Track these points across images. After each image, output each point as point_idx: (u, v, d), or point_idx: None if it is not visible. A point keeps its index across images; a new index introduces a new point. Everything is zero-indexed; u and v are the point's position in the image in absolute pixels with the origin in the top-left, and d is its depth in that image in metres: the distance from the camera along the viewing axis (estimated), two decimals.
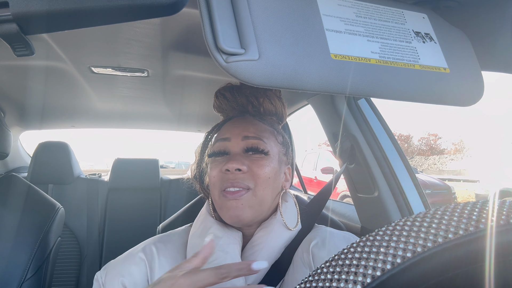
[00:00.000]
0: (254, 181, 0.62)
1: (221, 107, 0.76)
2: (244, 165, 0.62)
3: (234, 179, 0.62)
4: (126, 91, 1.48)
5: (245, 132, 0.66)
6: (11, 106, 1.67)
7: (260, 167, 0.63)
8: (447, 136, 41.70)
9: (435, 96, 0.49)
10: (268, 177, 0.64)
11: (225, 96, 0.74)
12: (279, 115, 0.76)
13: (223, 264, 0.59)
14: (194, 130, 2.45)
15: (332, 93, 0.46)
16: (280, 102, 0.75)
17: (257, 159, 0.64)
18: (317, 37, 0.43)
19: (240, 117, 0.71)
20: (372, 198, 1.14)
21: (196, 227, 0.68)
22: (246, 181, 0.62)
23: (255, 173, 0.62)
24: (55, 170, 2.03)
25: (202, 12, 0.39)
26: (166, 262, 0.65)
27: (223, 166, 0.62)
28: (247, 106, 0.72)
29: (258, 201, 0.63)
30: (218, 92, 0.75)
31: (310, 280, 0.24)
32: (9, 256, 1.02)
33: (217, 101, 0.76)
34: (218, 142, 0.67)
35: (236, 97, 0.73)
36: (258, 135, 0.66)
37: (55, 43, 0.96)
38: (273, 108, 0.74)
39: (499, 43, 0.56)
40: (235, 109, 0.74)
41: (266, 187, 0.63)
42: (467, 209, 0.24)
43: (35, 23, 0.35)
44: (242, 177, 0.62)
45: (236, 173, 0.62)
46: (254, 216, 0.63)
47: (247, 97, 0.72)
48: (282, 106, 0.76)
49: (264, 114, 0.73)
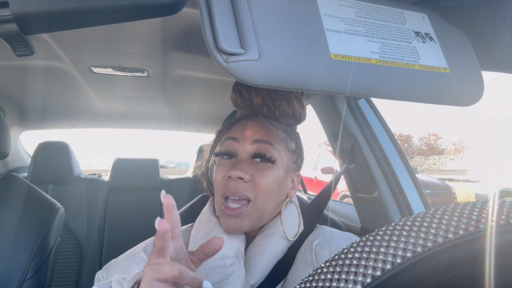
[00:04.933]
0: (255, 192, 0.61)
1: (237, 103, 0.73)
2: (247, 174, 0.61)
3: (235, 188, 0.61)
4: (126, 91, 1.47)
5: (255, 136, 0.64)
6: (11, 106, 1.67)
7: (263, 178, 0.62)
8: (447, 136, 41.71)
9: (435, 96, 0.49)
10: (271, 188, 0.62)
11: (241, 93, 0.71)
12: (297, 116, 0.73)
13: (227, 267, 0.59)
14: (194, 130, 2.45)
15: (332, 93, 0.46)
16: (298, 104, 0.72)
17: (262, 168, 0.62)
18: (317, 37, 0.43)
19: (253, 118, 0.68)
20: (372, 198, 1.14)
21: (198, 228, 0.68)
22: (247, 192, 0.61)
23: (257, 184, 0.61)
24: (55, 170, 2.03)
25: (202, 12, 0.39)
26: None
27: (227, 172, 0.62)
28: (262, 107, 0.69)
29: (258, 213, 0.62)
30: (235, 86, 0.72)
31: (310, 280, 0.24)
32: (9, 256, 1.02)
33: (234, 95, 0.73)
34: (227, 140, 0.66)
35: (251, 96, 0.70)
36: (268, 139, 0.64)
37: (55, 43, 0.96)
38: (291, 111, 0.71)
39: (499, 43, 0.56)
40: (249, 108, 0.71)
41: (267, 198, 0.62)
42: (467, 209, 0.24)
43: (35, 23, 0.35)
44: (243, 187, 0.61)
45: (238, 181, 0.61)
46: (252, 226, 0.63)
47: (263, 98, 0.69)
48: (301, 107, 0.73)
49: (280, 116, 0.70)
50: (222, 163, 0.65)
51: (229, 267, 0.59)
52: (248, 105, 0.71)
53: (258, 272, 0.61)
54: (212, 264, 0.59)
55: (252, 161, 0.63)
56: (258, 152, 0.63)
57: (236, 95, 0.72)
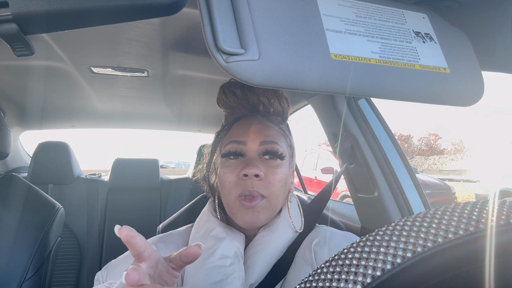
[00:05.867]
0: (269, 190, 0.62)
1: (229, 104, 0.72)
2: (262, 171, 0.61)
3: (252, 186, 0.61)
4: (126, 91, 1.48)
5: (262, 137, 0.64)
6: (11, 106, 1.67)
7: (274, 175, 0.63)
8: (447, 136, 41.72)
9: (435, 96, 0.49)
10: (281, 184, 0.64)
11: (235, 93, 0.71)
12: (285, 115, 0.75)
13: (226, 267, 0.59)
14: (194, 130, 2.45)
15: (332, 93, 0.46)
16: (287, 103, 0.74)
17: (272, 166, 0.63)
18: (317, 37, 0.43)
19: (251, 118, 0.69)
20: (372, 198, 1.14)
21: (198, 228, 0.68)
22: (262, 189, 0.61)
23: (270, 181, 0.62)
24: (55, 170, 2.03)
25: (202, 12, 0.39)
26: None
27: (241, 171, 0.61)
28: (258, 105, 0.70)
29: (272, 207, 0.63)
30: (226, 88, 0.72)
31: (310, 280, 0.24)
32: (9, 256, 1.02)
33: (225, 97, 0.72)
34: (232, 144, 0.65)
35: (247, 95, 0.70)
36: (274, 139, 0.65)
37: (55, 43, 0.96)
38: (281, 109, 0.73)
39: (499, 43, 0.56)
40: (245, 108, 0.71)
41: (279, 194, 0.63)
42: (467, 209, 0.24)
43: (35, 23, 0.35)
44: (258, 184, 0.61)
45: (254, 179, 0.61)
46: (267, 220, 0.64)
47: (258, 96, 0.70)
48: (288, 107, 0.75)
49: (273, 114, 0.72)
50: (230, 164, 0.64)
51: (228, 267, 0.59)
52: (243, 104, 0.71)
53: (257, 271, 0.61)
54: (211, 264, 0.59)
55: (262, 158, 0.64)
56: (270, 149, 0.64)
57: (229, 96, 0.71)
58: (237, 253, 0.61)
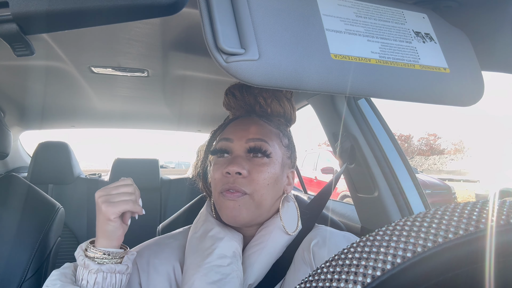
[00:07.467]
0: (252, 187, 0.62)
1: (230, 105, 0.75)
2: (245, 169, 0.62)
3: (233, 183, 0.61)
4: (126, 91, 1.47)
5: (248, 135, 0.65)
6: (11, 106, 1.67)
7: (259, 173, 0.62)
8: (446, 136, 41.71)
9: (435, 96, 0.49)
10: (267, 183, 0.63)
11: (234, 94, 0.73)
12: (288, 117, 0.74)
13: (224, 267, 0.59)
14: (194, 130, 2.45)
15: (332, 93, 0.46)
16: (289, 104, 0.74)
17: (258, 163, 0.63)
18: (317, 37, 0.43)
19: (245, 118, 0.70)
20: (372, 198, 1.14)
21: (196, 228, 0.68)
22: (244, 186, 0.61)
23: (254, 179, 0.62)
24: (55, 170, 2.03)
25: (202, 12, 0.39)
26: (160, 264, 0.65)
27: (224, 169, 0.62)
28: (254, 106, 0.71)
29: (256, 204, 0.63)
30: (228, 89, 0.75)
31: (310, 280, 0.24)
32: (9, 256, 1.02)
33: (226, 98, 0.75)
34: (221, 141, 0.67)
35: (244, 95, 0.72)
36: (261, 136, 0.65)
37: (55, 43, 0.96)
38: (282, 110, 0.73)
39: (499, 43, 0.56)
40: (243, 108, 0.73)
41: (264, 193, 0.63)
42: (467, 209, 0.24)
43: (35, 23, 0.35)
44: (241, 182, 0.62)
45: (236, 177, 0.62)
46: (251, 217, 0.63)
47: (255, 96, 0.71)
48: (291, 108, 0.75)
49: (272, 115, 0.72)
50: (218, 162, 0.66)
51: (227, 267, 0.59)
52: (241, 105, 0.73)
53: (256, 271, 0.61)
54: (210, 264, 0.59)
55: (248, 156, 0.64)
56: (253, 146, 0.64)
57: (230, 97, 0.74)
58: (235, 253, 0.62)
